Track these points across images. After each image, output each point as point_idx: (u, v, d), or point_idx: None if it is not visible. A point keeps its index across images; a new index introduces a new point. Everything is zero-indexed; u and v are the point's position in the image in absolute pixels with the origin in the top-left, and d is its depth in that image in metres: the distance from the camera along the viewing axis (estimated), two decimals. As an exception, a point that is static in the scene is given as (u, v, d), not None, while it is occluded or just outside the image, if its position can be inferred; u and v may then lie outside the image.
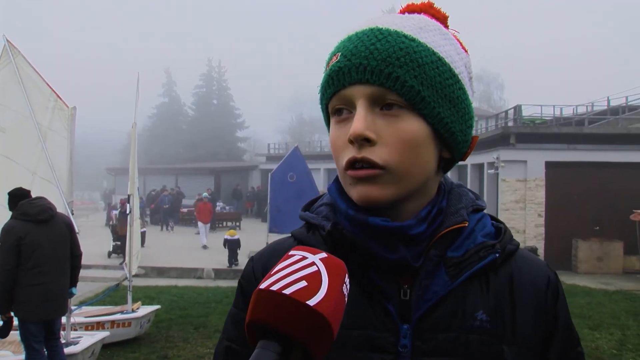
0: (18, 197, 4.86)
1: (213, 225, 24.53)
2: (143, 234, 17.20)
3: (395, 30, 0.80)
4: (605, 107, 20.00)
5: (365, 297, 0.84)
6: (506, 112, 20.49)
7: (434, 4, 0.88)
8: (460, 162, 0.92)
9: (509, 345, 0.82)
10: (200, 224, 18.31)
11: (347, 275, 0.66)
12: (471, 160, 17.01)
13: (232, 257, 14.27)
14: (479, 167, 17.61)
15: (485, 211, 0.94)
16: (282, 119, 66.83)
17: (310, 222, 0.92)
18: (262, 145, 51.73)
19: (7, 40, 5.29)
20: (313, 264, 0.63)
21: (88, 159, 61.24)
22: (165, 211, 25.32)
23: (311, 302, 0.58)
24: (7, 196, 4.90)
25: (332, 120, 0.84)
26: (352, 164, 0.79)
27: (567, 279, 11.70)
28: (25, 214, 4.80)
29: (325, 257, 0.64)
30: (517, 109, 17.62)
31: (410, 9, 0.89)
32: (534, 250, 13.62)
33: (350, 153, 0.79)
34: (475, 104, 0.90)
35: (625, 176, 14.29)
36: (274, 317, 0.58)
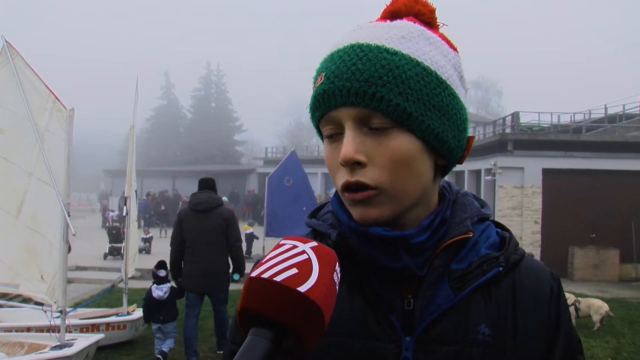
0: (200, 185, 6.24)
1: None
2: (149, 240, 17.13)
3: (377, 45, 0.78)
4: (603, 115, 20.10)
5: (369, 307, 0.84)
6: (504, 118, 20.56)
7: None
8: (457, 169, 0.92)
9: (511, 357, 0.82)
10: None
11: (337, 264, 0.67)
12: (468, 166, 17.03)
13: (247, 249, 15.57)
14: (476, 174, 17.62)
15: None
16: (280, 122, 66.93)
17: (317, 229, 0.92)
18: (260, 149, 51.85)
19: (6, 41, 5.28)
20: (304, 252, 0.64)
21: (86, 161, 61.08)
22: (144, 216, 24.53)
23: (302, 289, 0.59)
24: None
25: (325, 141, 0.85)
26: (347, 187, 0.79)
27: (563, 286, 11.60)
28: (189, 203, 6.16)
29: (316, 246, 0.65)
30: (515, 115, 17.66)
31: (394, 7, 0.86)
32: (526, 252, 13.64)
33: (343, 176, 0.79)
34: (473, 110, 0.91)
35: (622, 184, 14.33)
36: (266, 305, 0.59)
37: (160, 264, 6.42)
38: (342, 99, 0.77)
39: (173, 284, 6.46)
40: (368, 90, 0.76)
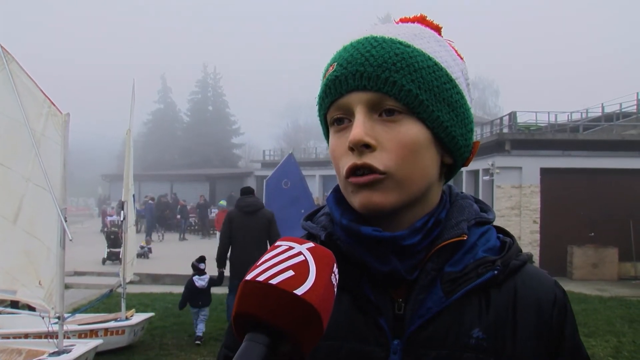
0: (243, 192, 7.38)
1: (207, 232, 24.37)
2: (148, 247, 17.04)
3: (390, 38, 0.80)
4: (600, 114, 20.10)
5: (358, 310, 0.82)
6: (501, 118, 20.53)
7: (426, 17, 0.88)
8: (456, 168, 0.91)
9: None
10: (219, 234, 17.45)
11: (335, 265, 0.64)
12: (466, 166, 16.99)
13: None
14: (474, 174, 17.63)
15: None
16: (278, 125, 67.00)
17: (310, 231, 0.91)
18: (257, 152, 51.93)
19: (1, 47, 5.26)
20: (300, 253, 0.61)
21: (83, 165, 61.03)
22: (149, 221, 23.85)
23: (299, 292, 0.57)
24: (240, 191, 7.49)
25: (332, 130, 0.84)
26: (353, 171, 0.78)
27: (562, 286, 11.62)
28: (237, 206, 7.29)
29: (313, 247, 0.63)
30: (512, 115, 17.67)
31: (403, 22, 0.88)
32: (529, 256, 13.65)
33: (350, 160, 0.78)
34: (469, 109, 0.89)
35: (620, 182, 14.35)
36: (261, 309, 0.57)
37: (201, 259, 7.57)
38: (354, 83, 0.78)
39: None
40: (381, 74, 0.76)
